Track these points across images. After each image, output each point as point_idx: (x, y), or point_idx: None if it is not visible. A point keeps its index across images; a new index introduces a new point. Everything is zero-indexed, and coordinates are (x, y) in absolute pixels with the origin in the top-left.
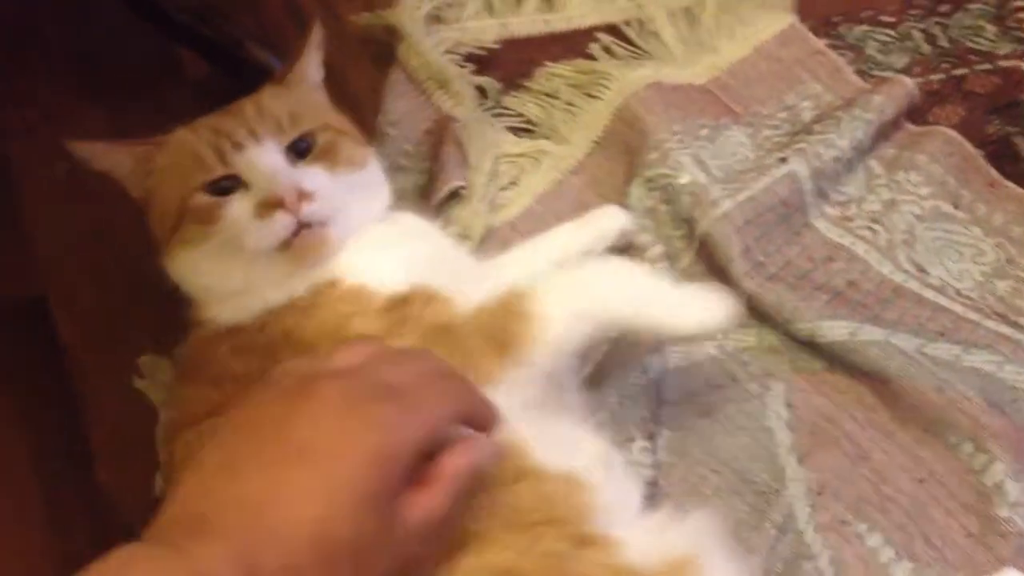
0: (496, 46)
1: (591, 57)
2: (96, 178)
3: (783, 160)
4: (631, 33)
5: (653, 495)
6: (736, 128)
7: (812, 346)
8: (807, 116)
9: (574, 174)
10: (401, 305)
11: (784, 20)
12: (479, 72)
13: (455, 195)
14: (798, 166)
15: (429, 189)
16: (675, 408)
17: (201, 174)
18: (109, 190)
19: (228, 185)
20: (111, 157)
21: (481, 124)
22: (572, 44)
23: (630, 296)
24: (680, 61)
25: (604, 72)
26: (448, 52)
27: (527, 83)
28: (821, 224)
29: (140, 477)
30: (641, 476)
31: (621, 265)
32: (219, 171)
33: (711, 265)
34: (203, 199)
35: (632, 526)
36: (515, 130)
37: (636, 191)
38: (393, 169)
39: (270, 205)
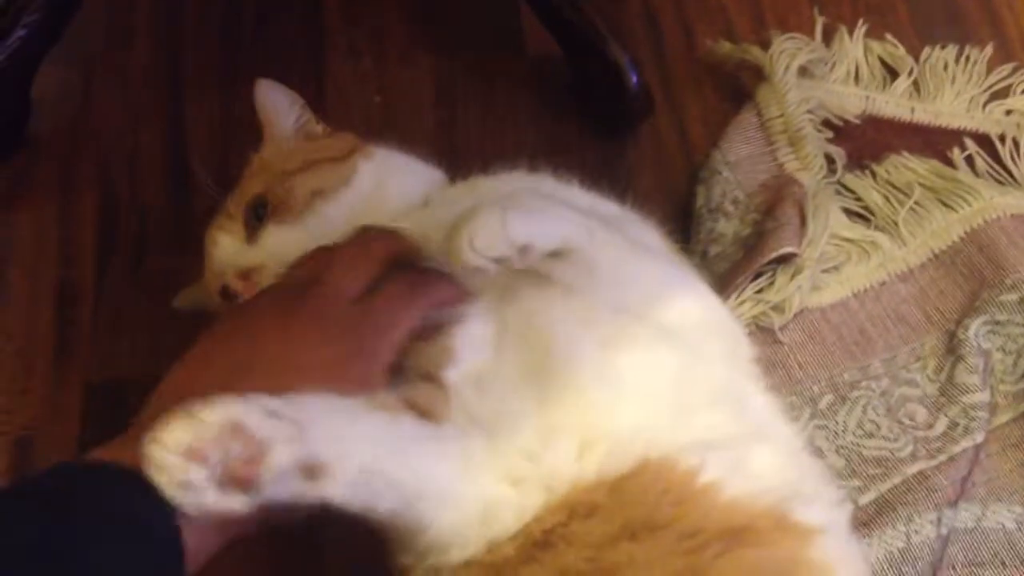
0: (855, 120)
1: (949, 160)
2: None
3: None
4: (1003, 150)
5: None
6: None
7: None
8: None
9: (901, 280)
10: None
11: None
12: (831, 140)
13: (779, 260)
14: None
15: (753, 242)
16: (956, 573)
17: None
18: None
19: None
20: None
21: (827, 197)
22: (932, 140)
23: None
24: None
25: (968, 185)
26: (808, 112)
27: (875, 167)
28: None
29: None
30: None
31: None
32: None
33: None
34: None
35: None
36: (847, 212)
37: (977, 327)
38: (714, 210)
39: None
